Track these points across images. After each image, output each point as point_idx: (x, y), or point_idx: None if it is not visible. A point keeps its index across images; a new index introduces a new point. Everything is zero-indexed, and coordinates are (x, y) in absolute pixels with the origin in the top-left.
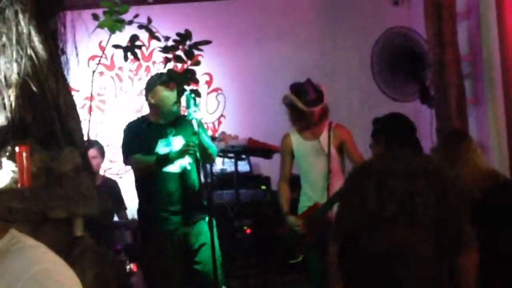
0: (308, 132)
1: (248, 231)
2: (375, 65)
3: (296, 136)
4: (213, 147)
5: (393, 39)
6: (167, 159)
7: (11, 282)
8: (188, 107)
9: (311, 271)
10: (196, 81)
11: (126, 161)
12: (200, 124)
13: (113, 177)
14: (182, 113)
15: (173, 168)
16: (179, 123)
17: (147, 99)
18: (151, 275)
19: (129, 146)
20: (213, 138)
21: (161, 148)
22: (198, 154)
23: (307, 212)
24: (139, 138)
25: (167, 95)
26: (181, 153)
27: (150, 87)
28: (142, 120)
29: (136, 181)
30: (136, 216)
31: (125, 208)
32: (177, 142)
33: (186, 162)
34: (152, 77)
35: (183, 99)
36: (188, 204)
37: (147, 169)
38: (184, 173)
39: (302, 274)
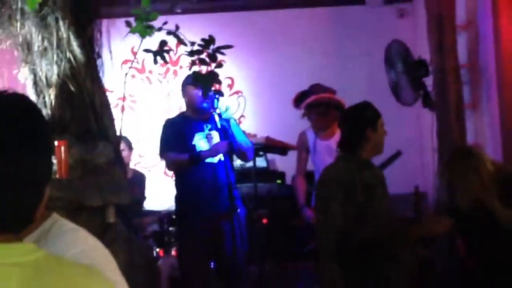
0: (323, 133)
1: (265, 221)
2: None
3: (312, 134)
4: (247, 144)
5: (396, 48)
6: (199, 157)
7: None
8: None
9: None
10: (219, 82)
11: (161, 155)
12: (233, 122)
13: (142, 171)
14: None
15: (210, 159)
16: (214, 120)
17: (183, 97)
18: (184, 257)
19: (165, 141)
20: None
21: (198, 141)
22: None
23: None
24: (177, 132)
25: (195, 93)
26: (211, 152)
27: (183, 87)
28: (180, 115)
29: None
30: (164, 206)
31: (144, 198)
32: (212, 137)
33: (221, 155)
34: (184, 78)
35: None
36: (221, 193)
37: (180, 166)
38: (219, 165)
39: (312, 261)
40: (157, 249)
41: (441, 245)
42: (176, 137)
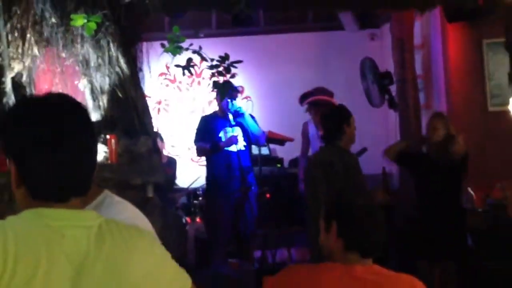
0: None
1: (268, 196)
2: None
3: (313, 126)
4: (259, 132)
5: (368, 64)
6: (218, 147)
7: None
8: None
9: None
10: (233, 89)
11: (194, 143)
12: (246, 116)
13: (174, 157)
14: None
15: (232, 148)
16: (239, 117)
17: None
18: (211, 223)
19: (198, 133)
20: None
21: (224, 134)
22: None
23: None
24: (209, 126)
25: (224, 101)
26: (227, 143)
27: (217, 95)
28: (213, 114)
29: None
30: (191, 184)
31: (175, 178)
32: (235, 131)
33: (241, 145)
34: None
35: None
36: (241, 175)
37: (204, 153)
38: (239, 153)
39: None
40: (186, 217)
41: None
42: (206, 130)
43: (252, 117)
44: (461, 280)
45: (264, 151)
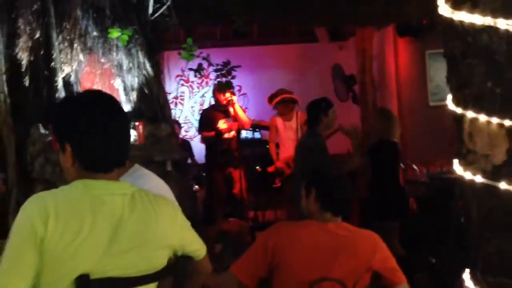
0: (287, 117)
1: (259, 169)
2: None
3: (280, 119)
4: (245, 119)
5: (337, 68)
6: (220, 133)
7: None
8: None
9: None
10: (233, 88)
11: (199, 132)
12: (237, 105)
13: (188, 139)
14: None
15: (226, 135)
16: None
17: (213, 97)
18: (210, 193)
19: (201, 124)
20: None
21: (221, 124)
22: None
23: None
24: (209, 117)
25: (220, 95)
26: (228, 130)
27: (213, 90)
28: (212, 107)
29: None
30: (200, 161)
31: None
32: (229, 121)
33: (234, 132)
34: (213, 86)
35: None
36: (233, 155)
37: (209, 139)
38: (232, 138)
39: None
40: (196, 186)
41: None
42: (208, 121)
43: (244, 109)
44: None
45: (257, 135)
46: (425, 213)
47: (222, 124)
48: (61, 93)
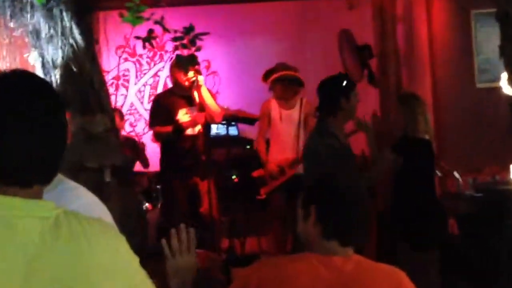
0: (286, 104)
1: (236, 179)
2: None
3: (276, 105)
4: (215, 107)
5: (346, 36)
6: (181, 129)
7: None
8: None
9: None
10: (198, 64)
11: (150, 127)
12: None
13: (134, 137)
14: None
15: (190, 131)
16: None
17: (170, 76)
18: (167, 214)
19: (154, 115)
20: None
21: (181, 115)
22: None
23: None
24: (164, 106)
25: (180, 74)
26: (192, 123)
27: (171, 67)
28: (168, 92)
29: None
30: (152, 167)
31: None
32: (193, 111)
33: (200, 126)
34: (172, 61)
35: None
36: (199, 160)
37: (165, 137)
38: (198, 135)
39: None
40: (146, 204)
41: None
42: (162, 112)
43: (214, 94)
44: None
45: (233, 131)
46: (470, 237)
47: (183, 116)
48: None
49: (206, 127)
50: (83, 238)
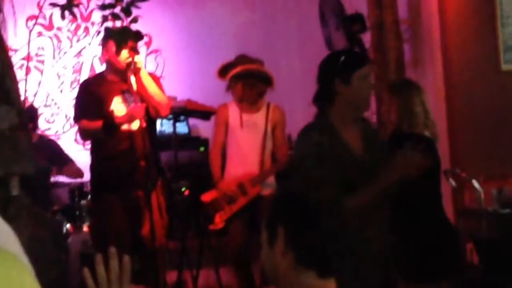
0: (248, 107)
1: (186, 192)
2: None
3: (236, 109)
4: (160, 96)
5: (330, 2)
6: (114, 124)
7: None
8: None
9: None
10: (140, 39)
11: (75, 122)
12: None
13: (51, 136)
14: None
15: (126, 126)
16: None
17: (102, 55)
18: (97, 238)
19: (80, 107)
20: None
21: (117, 106)
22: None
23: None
24: (93, 95)
25: (111, 52)
26: (128, 118)
27: (103, 43)
28: (98, 77)
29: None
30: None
31: (71, 160)
32: (131, 102)
33: (139, 121)
34: (104, 33)
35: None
36: (139, 165)
37: (94, 135)
38: (137, 133)
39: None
40: (68, 225)
41: None
42: (92, 102)
43: (158, 78)
44: None
45: (182, 128)
46: (492, 267)
47: (118, 107)
48: None
49: (150, 123)
50: None
